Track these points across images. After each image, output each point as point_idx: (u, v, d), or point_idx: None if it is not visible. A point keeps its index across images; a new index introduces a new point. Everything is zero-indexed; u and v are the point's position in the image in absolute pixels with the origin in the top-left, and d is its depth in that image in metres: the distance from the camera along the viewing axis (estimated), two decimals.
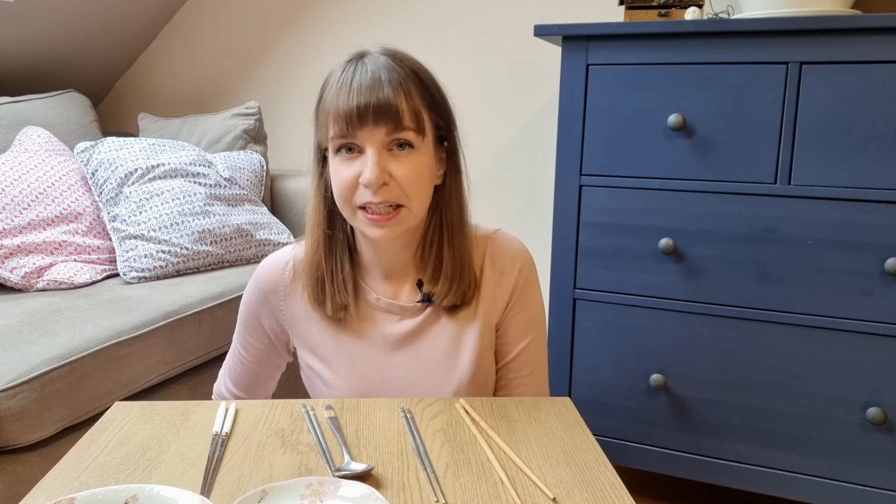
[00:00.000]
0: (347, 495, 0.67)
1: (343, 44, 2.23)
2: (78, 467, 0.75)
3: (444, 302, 0.94)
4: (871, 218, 1.27)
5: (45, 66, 2.16)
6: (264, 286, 1.00)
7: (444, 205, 0.93)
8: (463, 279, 0.94)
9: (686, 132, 1.37)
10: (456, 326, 0.96)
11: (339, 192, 0.87)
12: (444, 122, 0.91)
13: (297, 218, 2.05)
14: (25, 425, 1.16)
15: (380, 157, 0.84)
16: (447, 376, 0.96)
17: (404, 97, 0.84)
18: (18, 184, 1.61)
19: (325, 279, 0.94)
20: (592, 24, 1.38)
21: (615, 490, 0.73)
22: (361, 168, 0.84)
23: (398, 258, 0.95)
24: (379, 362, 0.96)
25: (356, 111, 0.83)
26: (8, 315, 1.34)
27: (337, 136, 0.85)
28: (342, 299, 0.94)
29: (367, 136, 0.84)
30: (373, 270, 0.97)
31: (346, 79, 0.85)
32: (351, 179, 0.85)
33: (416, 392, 0.96)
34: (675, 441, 1.48)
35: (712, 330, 1.41)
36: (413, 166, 0.85)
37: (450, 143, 0.93)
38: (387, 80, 0.84)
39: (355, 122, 0.83)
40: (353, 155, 0.86)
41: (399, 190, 0.85)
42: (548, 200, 2.03)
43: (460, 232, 0.94)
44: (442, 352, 0.96)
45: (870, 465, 1.34)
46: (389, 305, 0.96)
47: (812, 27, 1.24)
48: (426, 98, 0.87)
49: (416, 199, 0.87)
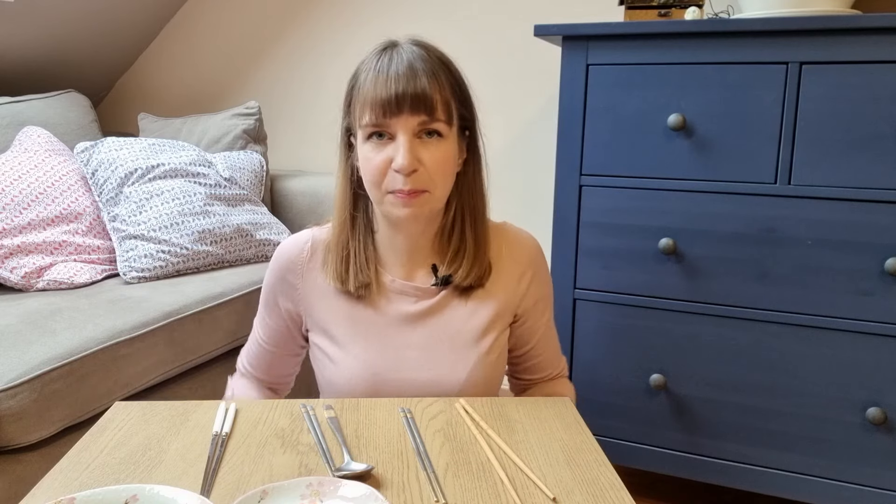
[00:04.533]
0: (347, 495, 0.67)
1: (343, 44, 2.24)
2: (78, 467, 0.75)
3: (464, 282, 0.98)
4: (871, 218, 1.27)
5: (45, 66, 2.16)
6: (283, 264, 1.02)
7: (466, 191, 0.98)
8: (482, 261, 0.99)
9: (686, 132, 1.37)
10: (470, 309, 0.99)
11: (369, 177, 0.91)
12: (468, 113, 0.95)
13: (297, 218, 2.05)
14: (25, 425, 1.16)
15: (411, 144, 0.87)
16: (460, 357, 0.98)
17: (438, 88, 0.88)
18: (18, 184, 1.61)
19: (350, 258, 0.98)
20: (592, 24, 1.38)
21: (615, 490, 0.73)
22: (392, 154, 0.88)
23: (419, 240, 0.99)
24: (393, 341, 0.98)
25: (394, 99, 0.86)
26: (8, 315, 1.34)
27: (371, 123, 0.88)
28: (365, 277, 0.98)
29: (401, 124, 0.87)
30: (390, 255, 1.00)
31: (381, 67, 0.88)
32: (383, 164, 0.89)
33: (429, 371, 0.97)
34: (675, 441, 1.48)
35: (712, 330, 1.41)
36: (441, 154, 0.89)
37: (471, 133, 0.97)
38: (421, 70, 0.87)
39: (393, 111, 0.86)
40: (383, 141, 0.89)
41: (427, 176, 0.89)
42: (548, 200, 2.03)
43: (483, 217, 1.00)
44: (455, 333, 0.98)
45: (870, 465, 1.34)
46: (404, 287, 0.99)
47: (812, 27, 1.24)
48: (455, 89, 0.91)
49: (441, 185, 0.92)
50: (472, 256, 0.98)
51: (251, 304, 1.62)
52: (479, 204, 0.99)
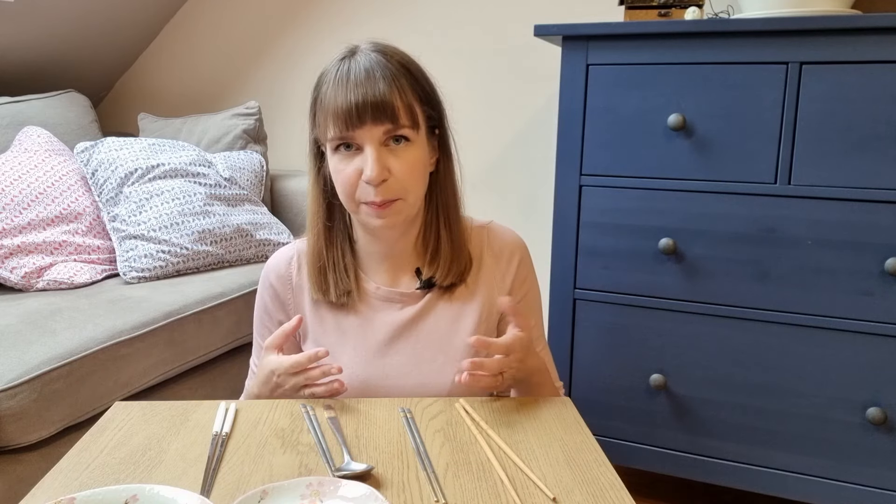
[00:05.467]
0: (347, 495, 0.67)
1: (343, 44, 2.23)
2: (78, 467, 0.75)
3: (445, 281, 0.98)
4: (871, 218, 1.27)
5: (45, 66, 2.16)
6: (273, 281, 1.03)
7: (439, 190, 0.97)
8: (461, 259, 0.98)
9: (686, 132, 1.36)
10: (455, 312, 0.99)
11: (341, 189, 0.90)
12: (435, 112, 0.94)
13: (297, 218, 2.05)
14: (25, 425, 1.16)
15: (378, 154, 0.87)
16: (447, 359, 0.98)
17: (398, 94, 0.87)
18: (18, 184, 1.61)
19: (328, 268, 0.98)
20: (592, 24, 1.38)
21: (615, 490, 0.73)
22: (361, 165, 0.87)
23: (398, 245, 0.98)
24: (380, 349, 0.98)
25: (354, 110, 0.85)
26: (8, 315, 1.34)
27: (336, 136, 0.88)
28: (345, 285, 0.98)
29: (366, 135, 0.86)
30: (371, 261, 1.00)
31: (340, 78, 0.87)
32: (352, 176, 0.88)
33: (417, 375, 0.97)
34: (675, 441, 1.47)
35: (712, 330, 1.41)
36: (410, 160, 0.89)
37: (441, 132, 0.96)
38: (380, 77, 0.86)
39: (354, 122, 0.86)
40: (351, 152, 0.89)
41: (398, 185, 0.88)
42: (548, 200, 2.03)
43: (456, 214, 0.99)
44: (442, 336, 0.98)
45: (870, 465, 1.34)
46: (389, 294, 0.99)
47: (812, 27, 1.24)
48: (418, 91, 0.90)
49: (414, 191, 0.91)
50: (449, 254, 0.97)
51: (251, 304, 1.62)
52: (451, 201, 0.98)
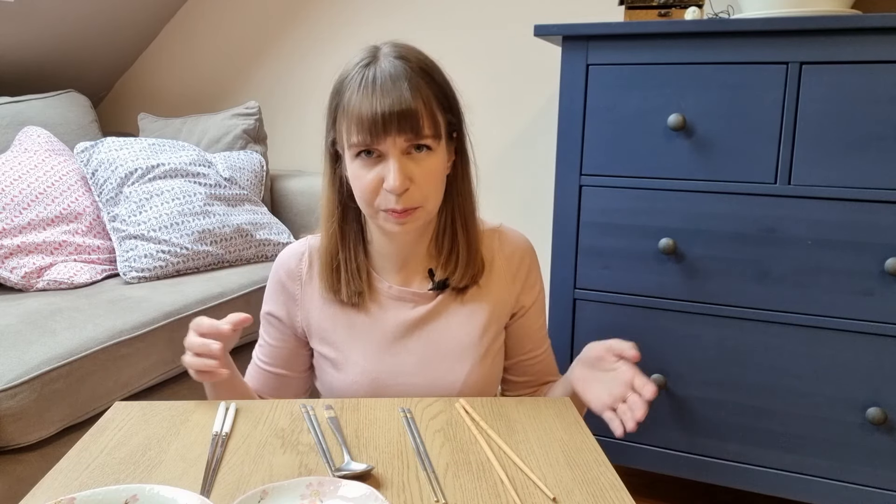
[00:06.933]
0: (347, 495, 0.67)
1: (343, 44, 2.23)
2: (78, 467, 0.75)
3: (460, 284, 0.99)
4: (871, 218, 1.27)
5: (45, 66, 2.16)
6: (282, 276, 1.02)
7: (456, 194, 0.97)
8: (476, 261, 0.99)
9: (686, 132, 1.36)
10: (467, 312, 1.00)
11: (361, 195, 0.90)
12: (455, 118, 0.94)
13: (298, 218, 2.05)
14: (25, 425, 1.16)
15: (401, 164, 0.86)
16: (458, 360, 0.98)
17: (423, 104, 0.86)
18: (18, 184, 1.61)
19: (341, 267, 0.98)
20: (592, 24, 1.38)
21: (615, 490, 0.73)
22: (383, 173, 0.87)
23: (414, 248, 0.99)
24: (391, 347, 0.98)
25: (380, 120, 0.84)
26: (8, 315, 1.34)
27: (359, 143, 0.87)
28: (357, 286, 0.98)
29: (390, 144, 0.86)
30: (385, 262, 1.00)
31: (366, 84, 0.86)
32: (373, 183, 0.88)
33: (427, 376, 0.98)
34: (675, 441, 1.47)
35: (712, 330, 1.41)
36: (431, 168, 0.89)
37: (459, 136, 0.96)
38: (406, 87, 0.85)
39: (379, 131, 0.85)
40: (372, 158, 0.88)
41: (419, 193, 0.88)
42: (548, 200, 2.03)
43: (472, 217, 1.00)
44: (453, 336, 0.99)
45: (870, 465, 1.34)
46: (401, 293, 0.99)
47: (812, 27, 1.24)
48: (440, 99, 0.90)
49: (433, 198, 0.91)
50: (465, 257, 0.98)
51: (251, 304, 1.62)
52: (468, 204, 0.99)
